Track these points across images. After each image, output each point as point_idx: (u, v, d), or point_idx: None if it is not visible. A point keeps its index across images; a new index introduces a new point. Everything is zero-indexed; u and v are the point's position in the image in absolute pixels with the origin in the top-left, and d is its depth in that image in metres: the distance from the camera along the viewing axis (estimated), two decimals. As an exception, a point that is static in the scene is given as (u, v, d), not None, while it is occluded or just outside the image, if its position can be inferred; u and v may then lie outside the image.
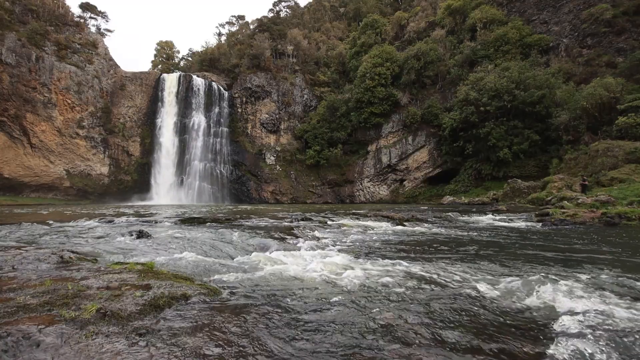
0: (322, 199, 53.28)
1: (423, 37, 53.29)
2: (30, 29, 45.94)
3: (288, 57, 61.50)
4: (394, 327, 2.60)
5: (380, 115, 49.93)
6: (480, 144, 38.88)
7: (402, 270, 4.68)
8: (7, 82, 43.45)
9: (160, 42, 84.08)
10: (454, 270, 4.79)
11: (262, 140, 56.72)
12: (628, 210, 12.20)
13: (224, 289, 3.52)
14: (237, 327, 2.48)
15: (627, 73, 31.68)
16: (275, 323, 2.63)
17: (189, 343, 2.16)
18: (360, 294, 3.49)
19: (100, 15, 63.01)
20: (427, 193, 45.48)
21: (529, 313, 3.03)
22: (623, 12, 35.81)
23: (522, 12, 46.06)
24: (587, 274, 4.57)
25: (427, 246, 7.32)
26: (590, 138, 29.75)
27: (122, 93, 54.19)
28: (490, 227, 11.43)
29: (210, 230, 9.03)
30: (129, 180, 53.47)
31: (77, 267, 3.88)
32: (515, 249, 6.79)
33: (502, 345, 2.38)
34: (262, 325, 2.57)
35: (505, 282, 4.06)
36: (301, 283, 3.97)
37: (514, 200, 27.44)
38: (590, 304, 3.14)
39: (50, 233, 8.02)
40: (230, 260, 5.51)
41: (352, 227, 10.51)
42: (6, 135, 44.92)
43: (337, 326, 2.59)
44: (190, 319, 2.54)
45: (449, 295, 3.46)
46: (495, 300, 3.39)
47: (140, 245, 6.39)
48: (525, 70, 37.58)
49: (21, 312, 2.35)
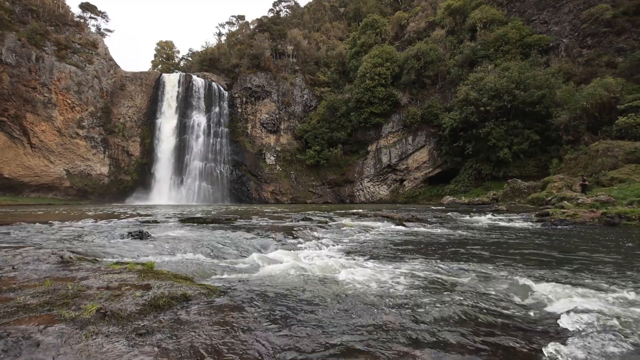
0: (322, 199, 53.28)
1: (423, 37, 53.32)
2: (30, 29, 45.93)
3: (288, 57, 61.50)
4: (393, 326, 2.60)
5: (380, 115, 49.94)
6: (480, 144, 38.90)
7: (402, 270, 4.69)
8: (7, 82, 43.45)
9: (160, 42, 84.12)
10: (453, 270, 4.80)
11: (262, 140, 56.72)
12: (628, 210, 12.20)
13: (224, 289, 3.52)
14: (237, 327, 2.48)
15: (627, 73, 31.69)
16: (276, 323, 2.63)
17: (189, 343, 2.16)
18: (360, 294, 3.49)
19: (100, 15, 63.04)
20: (427, 193, 45.49)
21: (529, 313, 3.04)
22: (623, 12, 35.81)
23: (522, 12, 46.07)
24: (587, 273, 4.58)
25: (426, 246, 7.32)
26: (590, 138, 29.75)
27: (122, 93, 54.19)
28: (490, 227, 11.43)
29: (210, 230, 9.03)
30: (129, 180, 53.47)
31: (77, 267, 3.88)
32: (514, 249, 6.79)
33: (502, 345, 2.38)
34: (262, 325, 2.57)
35: (504, 282, 4.07)
36: (301, 283, 3.97)
37: (514, 200, 27.44)
38: (590, 303, 3.14)
39: (50, 233, 8.02)
40: (230, 260, 5.51)
41: (352, 227, 10.51)
42: (6, 135, 44.91)
43: (337, 326, 2.60)
44: (191, 319, 2.54)
45: (449, 295, 3.46)
46: (495, 300, 3.40)
47: (140, 245, 6.39)
48: (525, 70, 37.58)
49: (21, 312, 2.35)
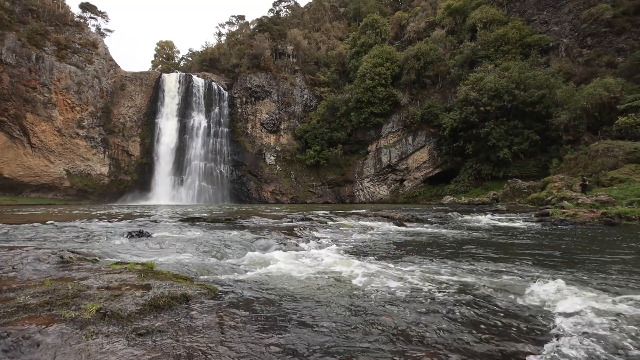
0: (322, 199, 53.28)
1: (423, 37, 53.35)
2: (30, 29, 45.95)
3: (288, 57, 61.49)
4: (392, 326, 2.60)
5: (380, 115, 49.94)
6: (480, 144, 38.90)
7: (402, 270, 4.69)
8: (7, 82, 43.47)
9: (160, 42, 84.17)
10: (453, 270, 4.80)
11: (262, 140, 56.72)
12: (628, 210, 12.21)
13: (224, 289, 3.53)
14: (237, 327, 2.48)
15: (627, 73, 31.71)
16: (276, 323, 2.63)
17: (189, 343, 2.16)
18: (359, 294, 3.49)
19: (100, 15, 63.06)
20: (427, 193, 45.49)
21: (528, 313, 3.04)
22: (623, 12, 35.82)
23: (522, 12, 46.08)
24: (586, 273, 4.58)
25: (426, 246, 7.32)
26: (590, 138, 29.76)
27: (122, 93, 54.21)
28: (490, 227, 11.43)
29: (210, 230, 9.03)
30: (129, 180, 53.49)
31: (77, 267, 3.88)
32: (514, 249, 6.80)
33: (502, 345, 2.38)
34: (262, 325, 2.57)
35: (504, 282, 4.07)
36: (300, 283, 3.97)
37: (514, 200, 27.44)
38: (589, 303, 3.14)
39: (50, 233, 8.02)
40: (230, 260, 5.51)
41: (352, 227, 10.51)
42: (6, 135, 44.93)
43: (336, 326, 2.60)
44: (191, 319, 2.54)
45: (449, 295, 3.46)
46: (495, 300, 3.40)
47: (140, 245, 6.39)
48: (525, 70, 37.60)
49: (21, 312, 2.35)
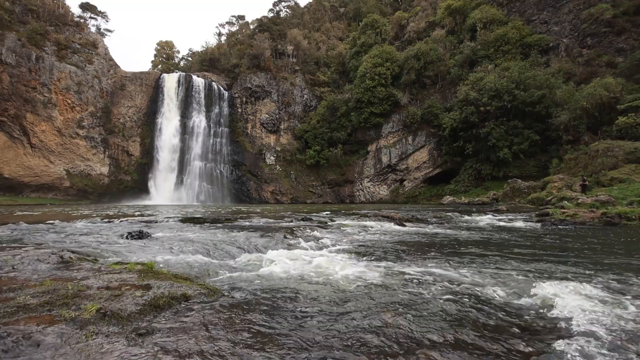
0: (322, 199, 53.28)
1: (423, 37, 53.32)
2: (30, 29, 45.92)
3: (288, 57, 61.47)
4: (392, 326, 2.60)
5: (380, 115, 49.93)
6: (480, 144, 38.90)
7: (402, 271, 4.69)
8: (7, 82, 43.45)
9: (160, 42, 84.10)
10: (453, 270, 4.80)
11: (262, 140, 56.71)
12: (628, 210, 12.21)
13: (223, 289, 3.53)
14: (237, 327, 2.48)
15: (627, 73, 31.70)
16: (276, 324, 2.63)
17: (189, 343, 2.16)
18: (360, 294, 3.49)
19: (100, 15, 63.02)
20: (427, 193, 45.48)
21: (529, 313, 3.04)
22: (623, 12, 35.81)
23: (522, 12, 46.07)
24: (586, 274, 4.58)
25: (426, 246, 7.32)
26: (590, 138, 29.76)
27: (122, 93, 54.19)
28: (490, 228, 11.43)
29: (210, 230, 9.03)
30: (129, 180, 53.48)
31: (77, 267, 3.88)
32: (514, 249, 6.80)
33: (502, 345, 2.38)
34: (262, 325, 2.57)
35: (504, 282, 4.07)
36: (300, 283, 3.97)
37: (514, 200, 27.45)
38: (589, 303, 3.14)
39: (50, 233, 8.02)
40: (230, 260, 5.52)
41: (352, 228, 10.51)
42: (6, 135, 44.91)
43: (337, 327, 2.60)
44: (190, 319, 2.54)
45: (449, 295, 3.46)
46: (495, 300, 3.40)
47: (141, 245, 6.39)
48: (525, 70, 37.59)
49: (21, 312, 2.36)
